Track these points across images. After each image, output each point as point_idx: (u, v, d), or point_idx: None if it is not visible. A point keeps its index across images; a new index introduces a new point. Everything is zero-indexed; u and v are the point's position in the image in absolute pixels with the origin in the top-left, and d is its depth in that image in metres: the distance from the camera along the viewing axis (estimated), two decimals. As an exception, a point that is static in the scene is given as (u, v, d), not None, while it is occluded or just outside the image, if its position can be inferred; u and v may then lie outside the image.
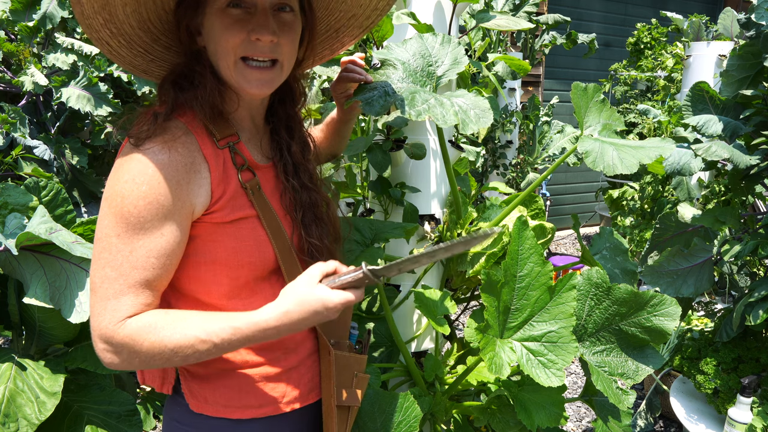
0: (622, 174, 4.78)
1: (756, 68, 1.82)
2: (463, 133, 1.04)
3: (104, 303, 0.81)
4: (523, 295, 1.18)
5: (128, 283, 0.82)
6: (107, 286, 0.81)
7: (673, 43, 4.57)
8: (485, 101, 1.10)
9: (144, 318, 0.82)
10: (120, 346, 0.81)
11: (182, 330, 0.82)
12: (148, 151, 0.83)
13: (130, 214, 0.81)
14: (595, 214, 6.01)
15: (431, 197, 1.50)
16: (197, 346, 0.82)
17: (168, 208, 0.83)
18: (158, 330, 0.81)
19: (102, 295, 0.82)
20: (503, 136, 4.06)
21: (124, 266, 0.82)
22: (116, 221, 0.82)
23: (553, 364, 1.11)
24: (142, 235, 0.82)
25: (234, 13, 0.87)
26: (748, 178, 1.90)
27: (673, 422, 2.67)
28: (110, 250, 0.82)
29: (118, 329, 0.80)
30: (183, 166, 0.84)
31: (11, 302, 1.45)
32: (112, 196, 0.83)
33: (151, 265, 0.83)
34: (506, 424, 1.28)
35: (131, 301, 0.82)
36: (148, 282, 0.83)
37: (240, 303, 0.93)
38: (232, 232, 0.90)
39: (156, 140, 0.84)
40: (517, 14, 3.08)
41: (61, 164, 2.19)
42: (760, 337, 2.08)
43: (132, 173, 0.82)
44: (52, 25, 2.05)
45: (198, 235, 0.88)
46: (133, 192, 0.81)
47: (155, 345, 0.81)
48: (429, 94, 1.09)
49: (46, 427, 1.34)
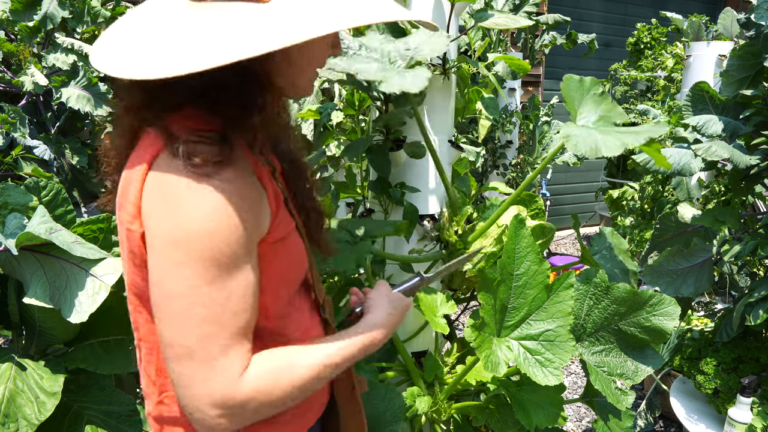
0: (623, 173, 4.78)
1: (756, 68, 1.82)
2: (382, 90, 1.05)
3: (209, 365, 0.69)
4: (520, 294, 1.18)
5: (233, 333, 0.71)
6: (209, 344, 0.69)
7: (673, 43, 4.57)
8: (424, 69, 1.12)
9: (261, 366, 0.73)
10: (244, 404, 0.70)
11: (305, 363, 0.76)
12: (227, 179, 0.70)
13: (223, 254, 0.69)
14: (595, 214, 6.01)
15: (431, 197, 1.50)
16: (322, 373, 0.77)
17: (252, 238, 0.74)
18: (284, 373, 0.74)
19: (204, 357, 0.69)
20: (503, 136, 4.06)
21: (225, 317, 0.70)
22: (204, 267, 0.68)
23: (550, 362, 1.11)
24: (236, 274, 0.71)
25: None
26: (748, 178, 1.90)
27: (673, 422, 2.66)
28: (203, 303, 0.69)
29: (237, 388, 0.70)
30: (255, 189, 0.75)
31: (11, 302, 1.45)
32: (188, 237, 0.68)
33: (250, 306, 0.73)
34: (505, 423, 1.28)
35: (241, 352, 0.72)
36: (249, 325, 0.74)
37: (288, 321, 0.87)
38: (284, 250, 0.82)
39: (233, 164, 0.72)
40: (517, 14, 3.08)
41: (61, 164, 2.19)
42: (760, 337, 2.08)
43: (216, 203, 0.69)
44: (52, 25, 2.05)
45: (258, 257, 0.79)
46: (222, 228, 0.69)
47: (285, 389, 0.73)
48: None
49: (46, 427, 1.33)
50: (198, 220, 0.68)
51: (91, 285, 1.32)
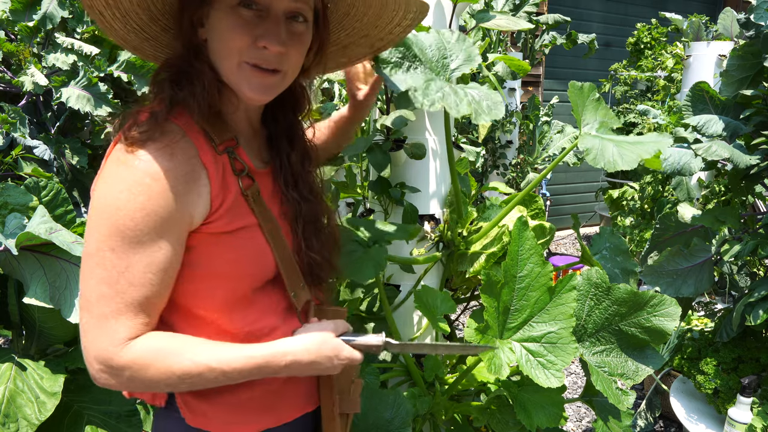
0: (622, 173, 4.79)
1: (756, 68, 1.82)
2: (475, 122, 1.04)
3: (101, 323, 0.76)
4: (523, 296, 1.18)
5: (126, 301, 0.77)
6: (103, 304, 0.76)
7: (673, 43, 4.57)
8: (497, 94, 1.09)
9: (149, 341, 0.78)
10: (120, 369, 0.76)
11: (192, 357, 0.78)
12: (144, 157, 0.77)
13: (126, 227, 0.76)
14: (595, 214, 6.01)
15: (431, 197, 1.50)
16: (206, 374, 0.78)
17: (167, 220, 0.78)
18: (166, 356, 0.77)
19: (97, 313, 0.76)
20: (503, 136, 4.06)
21: (120, 283, 0.76)
22: (110, 234, 0.76)
23: (552, 364, 1.11)
24: (139, 249, 0.77)
25: (244, 14, 0.81)
26: (748, 178, 1.90)
27: (673, 422, 2.67)
28: (104, 266, 0.76)
29: (119, 352, 0.76)
30: (182, 175, 0.79)
31: (11, 302, 1.45)
32: (104, 206, 0.77)
33: (150, 281, 0.78)
34: (506, 424, 1.28)
35: (131, 321, 0.77)
36: (148, 300, 0.78)
37: (237, 315, 0.88)
38: (232, 243, 0.85)
39: (153, 145, 0.78)
40: (517, 14, 3.08)
41: (61, 164, 2.19)
42: (760, 337, 2.08)
43: (127, 182, 0.76)
44: (52, 25, 2.05)
45: (194, 246, 0.83)
46: (130, 203, 0.76)
47: (162, 371, 0.77)
48: (444, 82, 1.08)
49: (46, 427, 1.33)
50: (111, 192, 0.77)
51: (92, 285, 1.32)
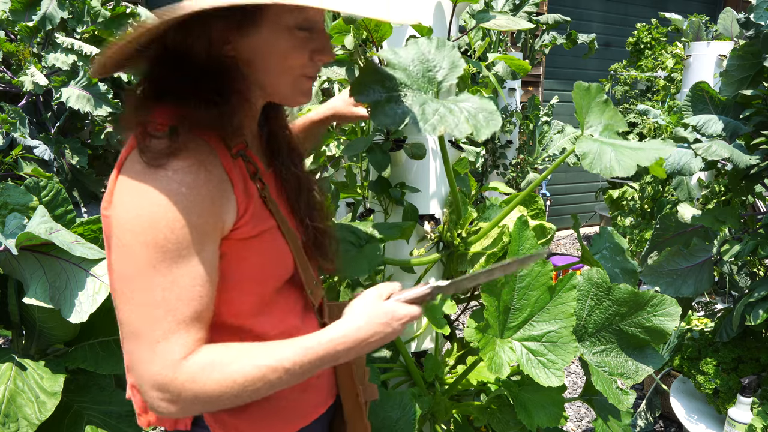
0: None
1: (756, 68, 1.82)
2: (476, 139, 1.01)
3: (151, 347, 0.72)
4: (523, 295, 1.18)
5: (177, 319, 0.73)
6: (154, 327, 0.72)
7: (673, 43, 4.57)
8: (491, 103, 1.06)
9: (204, 356, 0.74)
10: (180, 390, 0.72)
11: (251, 361, 0.75)
12: (176, 167, 0.74)
13: (167, 241, 0.72)
14: (595, 214, 6.01)
15: (431, 197, 1.50)
16: (269, 376, 0.75)
17: (205, 230, 0.75)
18: (224, 366, 0.74)
19: (147, 339, 0.72)
20: (503, 136, 4.06)
21: (169, 302, 0.73)
22: (149, 251, 0.72)
23: (552, 364, 1.11)
24: (182, 262, 0.73)
25: (300, 35, 0.83)
26: (748, 178, 1.90)
27: (673, 422, 2.67)
28: (148, 287, 0.72)
29: (176, 373, 0.72)
30: (215, 184, 0.77)
31: (11, 302, 1.45)
32: (136, 224, 0.72)
33: (198, 294, 0.75)
34: (506, 424, 1.28)
35: (184, 339, 0.73)
36: (198, 314, 0.75)
37: (264, 318, 0.87)
38: (258, 246, 0.84)
39: (182, 157, 0.75)
40: (517, 14, 3.08)
41: (61, 164, 2.19)
42: (760, 337, 2.08)
43: (160, 195, 0.73)
44: (51, 25, 2.05)
45: (225, 253, 0.81)
46: (168, 215, 0.72)
47: (223, 383, 0.73)
48: (436, 102, 1.05)
49: (46, 427, 1.33)
50: (142, 208, 0.72)
51: (91, 285, 1.32)
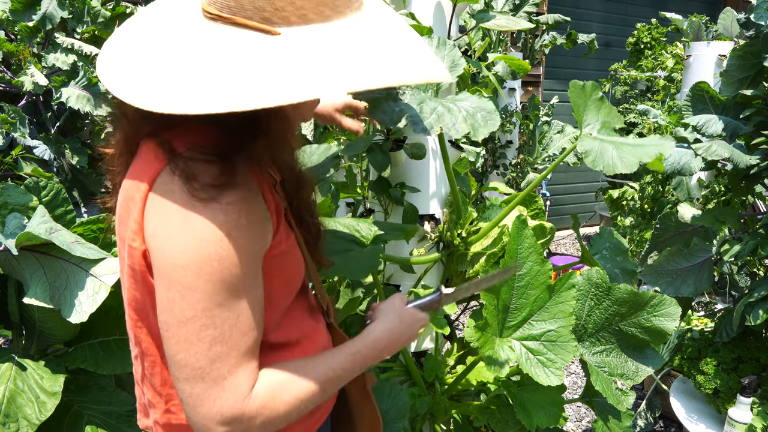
0: (622, 174, 4.79)
1: (756, 68, 1.82)
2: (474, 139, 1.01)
3: (219, 385, 0.70)
4: (522, 294, 1.18)
5: (241, 353, 0.72)
6: (219, 365, 0.70)
7: (673, 43, 4.57)
8: (490, 103, 1.07)
9: (267, 381, 0.74)
10: (252, 419, 0.71)
11: (309, 377, 0.77)
12: (232, 198, 0.70)
13: (233, 276, 0.70)
14: (595, 214, 6.01)
15: (431, 197, 1.50)
16: (326, 387, 0.78)
17: (258, 256, 0.74)
18: (289, 387, 0.75)
19: (214, 377, 0.70)
20: (503, 136, 4.06)
21: (234, 337, 0.71)
22: (214, 290, 0.69)
23: (552, 363, 1.11)
24: (245, 295, 0.72)
25: None
26: (748, 178, 1.90)
27: (673, 422, 2.66)
28: (214, 325, 0.69)
29: (246, 404, 0.71)
30: (261, 209, 0.75)
31: (11, 302, 1.45)
32: (199, 261, 0.68)
33: (258, 323, 0.74)
34: (505, 423, 1.28)
35: (249, 370, 0.72)
36: (256, 342, 0.75)
37: (284, 328, 0.87)
38: (283, 262, 0.82)
39: (236, 185, 0.71)
40: (517, 14, 3.08)
41: (61, 164, 2.19)
42: (760, 337, 2.08)
43: (223, 229, 0.68)
44: (51, 25, 2.05)
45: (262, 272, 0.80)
46: (233, 249, 0.69)
47: (290, 404, 0.74)
48: (434, 100, 1.05)
49: (46, 427, 1.33)
50: (205, 245, 0.68)
51: (91, 285, 1.32)
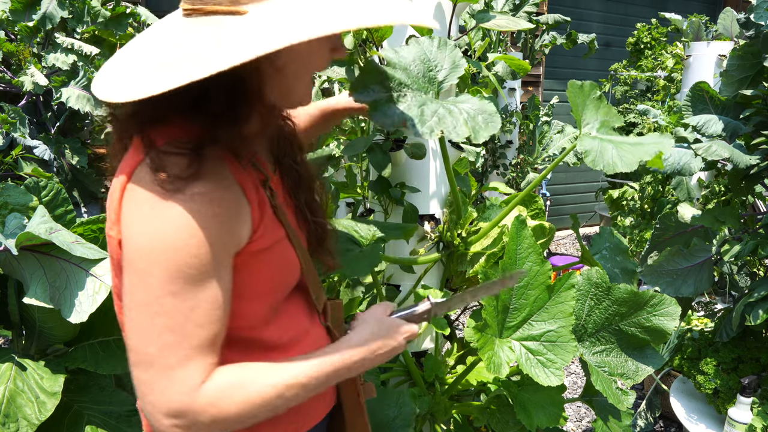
0: (622, 173, 4.79)
1: (756, 68, 1.82)
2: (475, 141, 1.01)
3: (167, 374, 0.69)
4: (522, 295, 1.18)
5: (194, 345, 0.71)
6: (169, 354, 0.69)
7: (673, 43, 4.57)
8: (491, 104, 1.05)
9: (220, 379, 0.72)
10: (197, 416, 0.70)
11: (267, 381, 0.74)
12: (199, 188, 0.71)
13: (190, 266, 0.70)
14: (595, 214, 6.01)
15: (431, 197, 1.50)
16: (285, 394, 0.75)
17: (224, 250, 0.73)
18: (242, 388, 0.72)
19: (162, 366, 0.69)
20: (503, 136, 4.06)
21: (187, 327, 0.70)
22: (170, 278, 0.69)
23: (552, 363, 1.11)
24: (203, 287, 0.71)
25: None
26: (748, 178, 1.90)
27: (673, 422, 2.66)
28: (167, 313, 0.69)
29: (194, 399, 0.69)
30: (233, 203, 0.74)
31: (11, 302, 1.45)
32: (156, 249, 0.69)
33: (217, 318, 0.73)
34: (506, 424, 1.28)
35: (201, 364, 0.71)
36: (215, 337, 0.73)
37: (274, 327, 0.85)
38: (269, 259, 0.81)
39: (204, 177, 0.72)
40: (517, 14, 3.08)
41: (61, 164, 2.19)
42: (760, 337, 2.08)
43: (182, 219, 0.69)
44: (52, 25, 2.05)
45: (237, 268, 0.78)
46: (192, 239, 0.69)
47: (241, 405, 0.72)
48: (435, 103, 1.04)
49: (46, 427, 1.33)
50: (165, 233, 0.69)
51: (91, 285, 1.32)
